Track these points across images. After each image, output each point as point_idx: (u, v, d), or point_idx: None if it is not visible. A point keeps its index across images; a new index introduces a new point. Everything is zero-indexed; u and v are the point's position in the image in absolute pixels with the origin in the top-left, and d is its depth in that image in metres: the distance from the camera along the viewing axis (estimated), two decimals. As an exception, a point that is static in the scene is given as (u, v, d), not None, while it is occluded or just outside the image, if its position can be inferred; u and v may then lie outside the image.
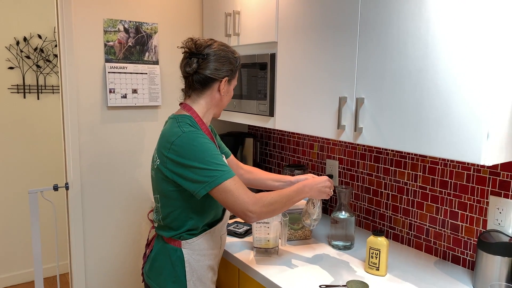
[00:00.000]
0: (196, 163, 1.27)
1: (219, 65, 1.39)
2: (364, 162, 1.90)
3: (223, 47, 1.42)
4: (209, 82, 1.40)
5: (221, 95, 1.44)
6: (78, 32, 2.05)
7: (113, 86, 2.15)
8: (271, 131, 2.48)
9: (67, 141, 2.09)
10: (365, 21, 1.40)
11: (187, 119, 1.37)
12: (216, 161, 1.28)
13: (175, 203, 1.37)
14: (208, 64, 1.39)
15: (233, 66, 1.43)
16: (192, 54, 1.40)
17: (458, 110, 1.16)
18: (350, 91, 1.48)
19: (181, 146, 1.29)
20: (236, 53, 1.45)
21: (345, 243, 1.69)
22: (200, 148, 1.28)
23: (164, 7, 2.27)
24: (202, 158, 1.27)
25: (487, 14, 1.08)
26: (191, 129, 1.33)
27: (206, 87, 1.42)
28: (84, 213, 2.16)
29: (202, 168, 1.27)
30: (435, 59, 1.21)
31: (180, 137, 1.30)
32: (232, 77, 1.45)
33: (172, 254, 1.41)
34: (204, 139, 1.31)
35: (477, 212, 1.49)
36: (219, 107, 1.47)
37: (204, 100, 1.43)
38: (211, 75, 1.39)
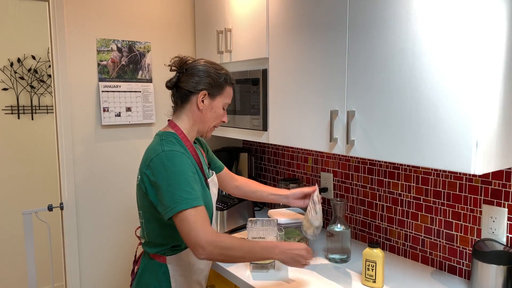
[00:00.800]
0: (164, 185, 1.25)
1: (197, 78, 1.39)
2: (358, 174, 1.91)
3: (206, 63, 1.42)
4: (187, 95, 1.40)
5: (200, 109, 1.41)
6: (72, 52, 2.07)
7: (107, 104, 2.16)
8: (265, 145, 2.49)
9: (61, 161, 2.09)
10: (354, 36, 1.43)
11: (171, 136, 1.37)
12: (184, 186, 1.25)
13: (156, 220, 1.36)
14: (186, 78, 1.39)
15: (213, 80, 1.40)
16: (177, 70, 1.42)
17: (447, 121, 1.18)
18: (341, 104, 1.50)
19: (156, 165, 1.28)
20: (222, 70, 1.43)
21: (342, 256, 1.69)
22: (173, 170, 1.26)
23: (157, 26, 2.30)
24: (170, 181, 1.25)
25: (473, 26, 1.10)
26: (172, 147, 1.31)
27: (186, 101, 1.41)
28: (79, 233, 2.15)
29: (168, 191, 1.25)
30: (422, 71, 1.23)
31: (158, 155, 1.29)
32: (215, 93, 1.42)
33: (157, 270, 1.40)
34: (180, 160, 1.28)
35: (471, 221, 1.50)
36: (203, 123, 1.44)
37: (185, 115, 1.42)
38: (188, 88, 1.39)
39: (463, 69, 1.13)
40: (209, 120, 1.44)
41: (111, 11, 2.15)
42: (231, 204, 2.06)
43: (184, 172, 1.27)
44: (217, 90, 1.42)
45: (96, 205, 2.18)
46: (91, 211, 2.17)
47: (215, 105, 1.43)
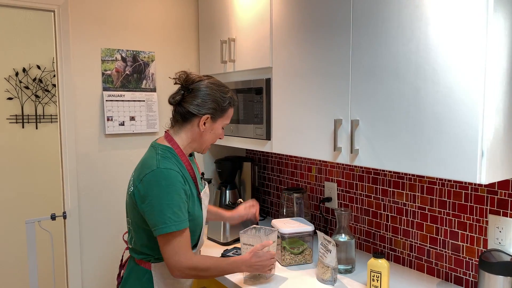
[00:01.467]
0: (155, 203, 1.30)
1: (202, 102, 1.39)
2: (362, 183, 1.89)
3: (212, 85, 1.42)
4: (189, 116, 1.41)
5: (201, 131, 1.42)
6: (76, 62, 2.08)
7: (111, 114, 2.17)
8: (269, 154, 2.48)
9: (65, 170, 2.09)
10: (357, 45, 1.43)
11: (168, 152, 1.39)
12: (174, 208, 1.30)
13: (144, 231, 1.39)
14: (191, 99, 1.40)
15: (218, 105, 1.41)
16: (181, 86, 1.42)
17: (451, 130, 1.17)
18: (345, 113, 1.50)
19: (149, 181, 1.31)
20: (227, 93, 1.44)
21: (346, 267, 1.67)
22: (166, 190, 1.30)
23: (161, 35, 2.32)
24: (162, 200, 1.29)
25: (477, 36, 1.10)
26: (167, 165, 1.33)
27: (187, 121, 1.42)
28: (82, 242, 2.14)
29: (158, 210, 1.29)
30: (426, 80, 1.23)
31: (153, 171, 1.32)
32: (217, 116, 1.43)
33: (142, 276, 1.42)
34: (175, 180, 1.32)
35: (477, 232, 1.48)
36: (200, 143, 1.46)
37: (184, 133, 1.44)
38: (192, 110, 1.39)
39: (468, 78, 1.13)
40: (208, 140, 1.47)
41: (116, 21, 2.17)
42: (234, 214, 2.04)
43: (176, 193, 1.31)
44: (220, 114, 1.44)
45: (99, 214, 2.18)
46: (94, 220, 2.17)
47: (215, 127, 1.46)
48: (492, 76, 1.11)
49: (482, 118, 1.11)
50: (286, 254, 1.74)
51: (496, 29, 1.10)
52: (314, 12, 1.60)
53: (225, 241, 2.01)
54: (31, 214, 3.27)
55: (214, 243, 2.04)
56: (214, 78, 1.46)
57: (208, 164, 2.54)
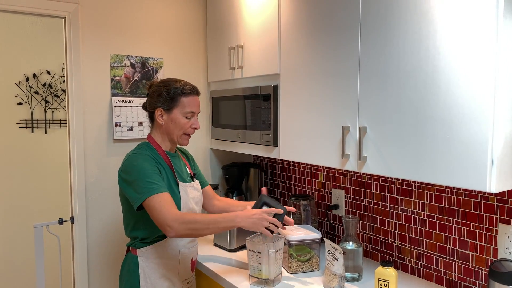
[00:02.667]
0: (132, 180, 1.48)
1: (151, 99, 1.63)
2: (370, 191, 1.88)
3: (159, 83, 1.64)
4: (151, 115, 1.66)
5: (161, 123, 1.61)
6: (86, 68, 2.10)
7: (119, 119, 2.18)
8: (276, 161, 2.48)
9: (73, 174, 2.11)
10: (365, 52, 1.43)
11: (145, 145, 1.62)
12: (147, 179, 1.47)
13: (129, 214, 1.59)
14: (148, 100, 1.66)
15: (164, 98, 1.59)
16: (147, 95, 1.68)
17: (461, 138, 1.16)
18: (353, 120, 1.50)
19: (126, 165, 1.53)
20: (172, 85, 1.60)
21: (354, 275, 1.65)
22: (138, 168, 1.49)
23: (170, 42, 2.33)
24: (136, 176, 1.48)
25: (489, 43, 1.10)
26: (140, 151, 1.56)
27: (152, 120, 1.67)
28: (89, 247, 2.15)
29: (135, 184, 1.47)
30: (435, 87, 1.22)
31: (128, 157, 1.55)
32: (170, 107, 1.59)
33: (130, 262, 1.59)
34: (144, 159, 1.51)
35: (486, 241, 1.46)
36: (169, 134, 1.63)
37: (155, 131, 1.66)
38: (149, 109, 1.65)
39: (478, 86, 1.12)
40: (174, 130, 1.62)
41: (125, 28, 2.20)
42: (241, 220, 2.04)
43: (146, 168, 1.49)
44: (171, 104, 1.60)
45: (106, 219, 2.19)
46: (101, 225, 2.18)
47: (173, 117, 1.60)
48: (502, 84, 1.10)
49: (492, 127, 1.10)
50: (293, 261, 1.73)
51: (506, 36, 1.09)
52: (322, 19, 1.61)
53: (231, 248, 2.01)
54: (39, 218, 3.29)
55: (220, 250, 2.04)
56: (171, 78, 1.68)
57: (215, 170, 2.54)
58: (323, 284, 1.61)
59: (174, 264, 1.61)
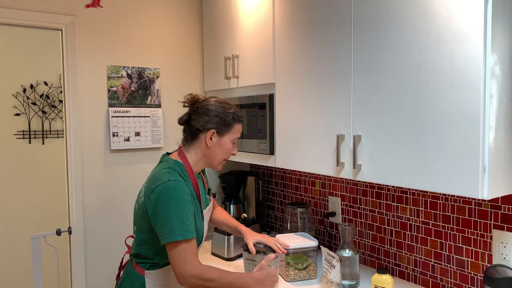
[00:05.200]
0: (165, 212, 1.37)
1: (207, 117, 1.49)
2: (366, 198, 1.90)
3: (215, 102, 1.52)
4: (197, 133, 1.51)
5: (208, 146, 1.51)
6: (83, 79, 2.12)
7: (116, 129, 2.20)
8: (272, 169, 2.49)
9: (71, 185, 2.11)
10: (359, 61, 1.45)
11: (178, 167, 1.48)
12: (183, 218, 1.37)
13: (147, 239, 1.48)
14: (197, 117, 1.50)
15: (221, 120, 1.50)
16: (189, 107, 1.54)
17: (453, 145, 1.18)
18: (347, 128, 1.51)
19: (161, 192, 1.39)
20: (230, 109, 1.53)
21: (351, 282, 1.66)
22: (176, 200, 1.38)
23: (166, 52, 2.36)
24: (171, 210, 1.37)
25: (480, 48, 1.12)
26: (177, 178, 1.42)
27: (195, 138, 1.52)
28: (87, 258, 2.15)
29: (168, 220, 1.37)
30: (428, 96, 1.24)
31: (164, 183, 1.40)
32: (223, 131, 1.52)
33: (135, 281, 1.51)
34: (183, 193, 1.40)
35: (481, 247, 1.48)
36: (210, 158, 1.54)
37: (194, 150, 1.53)
38: (198, 127, 1.50)
39: (471, 92, 1.14)
40: (218, 155, 1.54)
41: (122, 39, 2.22)
42: (238, 229, 2.05)
43: (185, 204, 1.39)
44: (225, 128, 1.52)
45: (104, 230, 2.19)
46: (99, 236, 2.18)
47: (223, 142, 1.53)
48: (492, 91, 1.12)
49: (483, 134, 1.12)
50: (290, 269, 1.74)
51: (496, 43, 1.12)
52: (316, 30, 1.63)
53: (229, 257, 2.01)
54: (37, 229, 3.28)
55: (218, 258, 2.04)
56: (219, 98, 1.56)
57: (212, 178, 2.55)
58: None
59: (179, 286, 1.56)
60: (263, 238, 1.69)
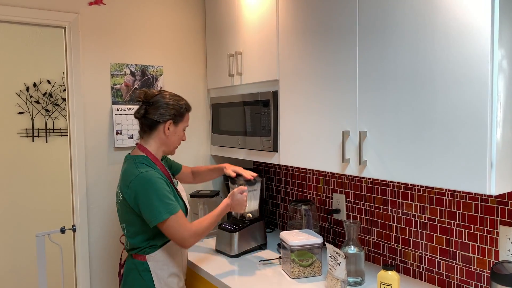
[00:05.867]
0: (147, 200, 1.56)
1: (164, 110, 1.67)
2: (370, 195, 1.89)
3: (168, 95, 1.70)
4: (155, 125, 1.68)
5: (166, 135, 1.69)
6: (86, 77, 2.12)
7: (120, 127, 2.19)
8: (276, 166, 2.49)
9: (75, 183, 2.11)
10: (364, 56, 1.45)
11: (144, 159, 1.66)
12: (164, 199, 1.56)
13: (139, 228, 1.64)
14: (154, 110, 1.67)
15: (176, 111, 1.69)
16: (143, 102, 1.69)
17: (460, 141, 1.17)
18: (352, 125, 1.51)
19: (136, 185, 1.57)
20: (182, 101, 1.72)
21: (356, 279, 1.66)
22: (152, 187, 1.56)
23: (169, 50, 2.35)
24: (151, 195, 1.55)
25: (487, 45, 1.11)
26: (147, 169, 1.61)
27: (154, 129, 1.69)
28: (91, 255, 2.15)
29: (151, 204, 1.55)
30: (434, 91, 1.23)
31: (137, 177, 1.58)
32: (178, 120, 1.71)
33: (140, 268, 1.66)
34: (156, 179, 1.58)
35: (488, 243, 1.47)
36: (168, 145, 1.73)
37: (153, 140, 1.71)
38: (156, 119, 1.67)
39: (478, 87, 1.13)
40: (174, 142, 1.74)
41: (125, 36, 2.21)
42: (242, 226, 2.04)
43: (160, 187, 1.57)
44: (180, 118, 1.72)
45: (108, 227, 2.19)
46: (103, 234, 2.18)
47: (178, 130, 1.73)
48: (500, 86, 1.11)
49: (491, 129, 1.11)
50: (295, 266, 1.73)
51: (504, 37, 1.11)
52: (320, 24, 1.62)
53: (233, 254, 2.01)
54: (41, 227, 3.29)
55: (222, 255, 2.04)
56: (170, 91, 1.75)
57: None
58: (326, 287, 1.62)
59: (179, 261, 1.75)
60: (238, 169, 1.96)
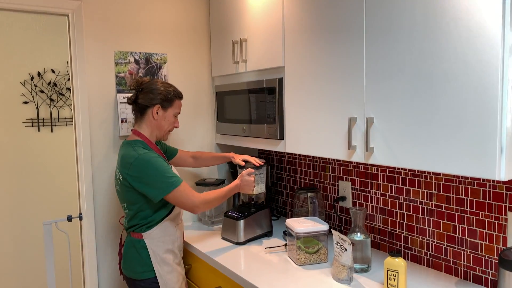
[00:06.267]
0: (151, 178, 1.67)
1: (152, 95, 1.78)
2: (377, 182, 1.88)
3: (157, 82, 1.82)
4: (145, 109, 1.80)
5: (155, 119, 1.80)
6: (90, 65, 2.11)
7: (125, 116, 2.19)
8: (281, 154, 2.48)
9: (80, 172, 2.12)
10: (370, 41, 1.42)
11: (140, 143, 1.77)
12: (167, 173, 1.68)
13: (139, 207, 1.75)
14: (143, 95, 1.79)
15: (164, 96, 1.79)
16: (135, 89, 1.82)
17: (469, 126, 1.16)
18: (359, 111, 1.49)
19: (138, 166, 1.68)
20: (170, 88, 1.83)
21: (362, 266, 1.66)
22: (153, 166, 1.68)
23: (173, 37, 2.33)
24: (155, 173, 1.67)
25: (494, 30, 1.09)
26: (145, 151, 1.71)
27: (144, 114, 1.81)
28: (98, 243, 2.16)
29: (157, 181, 1.67)
30: (443, 76, 1.21)
31: (137, 159, 1.69)
32: (166, 106, 1.81)
33: (137, 245, 1.78)
34: (155, 158, 1.70)
35: (496, 229, 1.46)
36: (160, 130, 1.84)
37: (145, 124, 1.82)
38: (145, 104, 1.79)
39: (486, 72, 1.11)
40: (164, 126, 1.84)
41: (129, 24, 2.19)
42: (248, 214, 2.05)
43: (160, 164, 1.69)
44: (168, 103, 1.82)
45: (114, 215, 2.20)
46: (109, 221, 2.19)
47: (167, 115, 1.84)
48: (510, 70, 1.09)
49: (501, 114, 1.09)
50: (301, 253, 1.74)
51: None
52: (326, 10, 1.60)
53: (239, 241, 2.01)
54: (48, 216, 3.31)
55: (228, 243, 2.05)
56: (161, 80, 1.87)
57: (221, 165, 2.54)
58: (332, 276, 1.62)
59: (174, 239, 1.85)
60: (246, 157, 2.05)
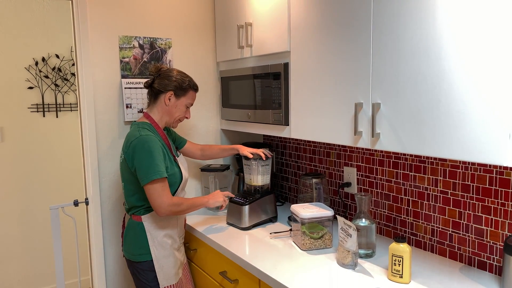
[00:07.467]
0: (141, 160, 1.71)
1: (167, 81, 1.83)
2: (382, 168, 1.87)
3: (174, 71, 1.86)
4: (158, 94, 1.85)
5: (167, 105, 1.84)
6: (95, 50, 2.10)
7: (130, 101, 2.19)
8: (286, 140, 2.47)
9: (86, 157, 2.13)
10: (379, 26, 1.40)
11: (146, 125, 1.82)
12: (158, 162, 1.71)
13: (135, 187, 1.79)
14: (159, 81, 1.83)
15: (179, 84, 1.83)
16: (154, 75, 1.86)
17: (477, 111, 1.14)
18: (365, 96, 1.48)
19: (135, 146, 1.73)
20: (186, 78, 1.87)
21: (367, 251, 1.66)
22: (148, 149, 1.71)
23: (178, 22, 2.31)
24: (146, 157, 1.70)
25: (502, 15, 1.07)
26: (148, 133, 1.76)
27: (157, 98, 1.86)
28: (104, 227, 2.19)
29: (144, 165, 1.70)
30: (450, 60, 1.19)
31: (137, 138, 1.74)
32: (180, 94, 1.85)
33: (136, 227, 1.83)
34: (153, 143, 1.73)
35: (502, 216, 1.46)
36: (170, 116, 1.88)
37: (156, 109, 1.87)
38: (159, 88, 1.83)
39: (493, 56, 1.09)
40: (174, 114, 1.88)
41: (133, 9, 2.17)
42: (253, 199, 2.05)
43: (155, 151, 1.72)
44: (182, 92, 1.86)
45: (120, 200, 2.22)
46: (115, 206, 2.21)
47: (179, 104, 1.87)
48: (520, 55, 1.07)
49: (509, 98, 1.07)
50: (305, 238, 1.74)
51: (526, 5, 1.06)
52: (333, -6, 1.57)
53: (244, 226, 2.03)
54: (54, 200, 3.35)
55: (233, 228, 2.06)
56: (179, 70, 1.89)
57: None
58: (336, 261, 1.63)
59: (174, 224, 1.88)
60: (254, 149, 2.06)
